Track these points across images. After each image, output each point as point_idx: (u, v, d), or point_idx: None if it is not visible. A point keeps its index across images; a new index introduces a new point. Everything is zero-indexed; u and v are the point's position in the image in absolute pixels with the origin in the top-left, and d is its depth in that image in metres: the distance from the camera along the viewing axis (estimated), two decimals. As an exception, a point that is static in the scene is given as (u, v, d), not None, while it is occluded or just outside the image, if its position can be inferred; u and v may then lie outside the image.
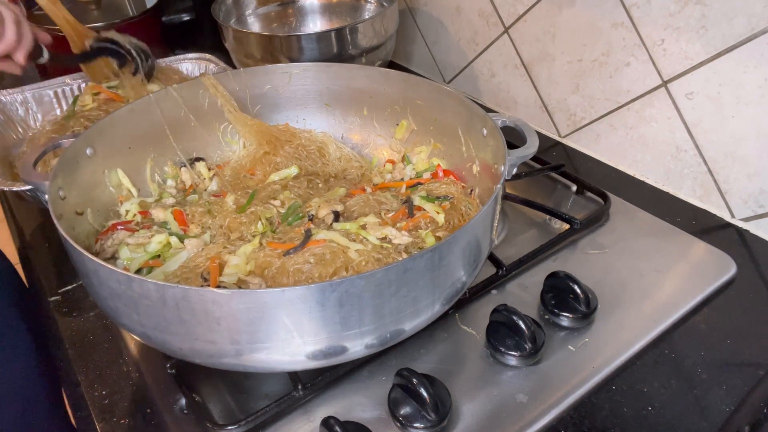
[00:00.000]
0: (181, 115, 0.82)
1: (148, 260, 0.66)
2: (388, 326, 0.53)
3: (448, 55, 1.22)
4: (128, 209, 0.73)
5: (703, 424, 0.57)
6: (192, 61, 1.14)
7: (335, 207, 0.71)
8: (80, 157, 0.69)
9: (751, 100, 0.76)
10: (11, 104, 1.02)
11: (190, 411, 0.59)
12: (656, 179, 0.91)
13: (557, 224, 0.82)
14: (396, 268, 0.49)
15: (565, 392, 0.60)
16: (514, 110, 1.12)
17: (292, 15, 1.31)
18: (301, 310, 0.48)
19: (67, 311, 0.74)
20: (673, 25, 0.80)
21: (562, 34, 0.96)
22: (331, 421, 0.53)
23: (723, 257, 0.75)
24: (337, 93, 0.88)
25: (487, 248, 0.61)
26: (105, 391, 0.63)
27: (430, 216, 0.69)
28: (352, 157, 0.87)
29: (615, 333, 0.66)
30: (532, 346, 0.62)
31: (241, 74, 0.85)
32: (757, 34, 0.72)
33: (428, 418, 0.55)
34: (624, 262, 0.75)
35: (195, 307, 0.48)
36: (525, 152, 0.64)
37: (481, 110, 0.71)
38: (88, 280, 0.55)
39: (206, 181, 0.83)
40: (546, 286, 0.69)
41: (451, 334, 0.66)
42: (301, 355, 0.51)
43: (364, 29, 1.06)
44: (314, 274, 0.60)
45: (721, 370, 0.62)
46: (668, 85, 0.84)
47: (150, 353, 0.66)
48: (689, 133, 0.84)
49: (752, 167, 0.79)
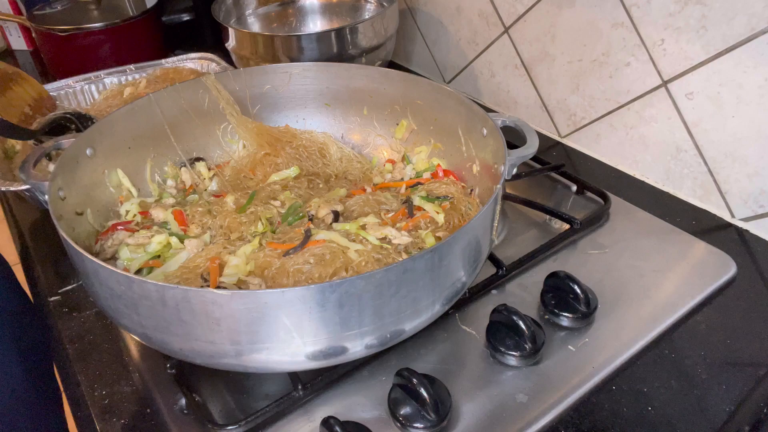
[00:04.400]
0: (181, 115, 0.82)
1: (148, 260, 0.66)
2: (388, 326, 0.53)
3: (448, 55, 1.22)
4: (128, 209, 0.73)
5: (703, 424, 0.57)
6: (194, 60, 1.15)
7: (335, 207, 0.71)
8: (80, 157, 0.69)
9: (751, 100, 0.76)
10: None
11: (190, 411, 0.59)
12: (656, 179, 0.91)
13: (557, 224, 0.82)
14: (396, 269, 0.49)
15: (565, 392, 0.60)
16: (514, 110, 1.12)
17: (292, 15, 1.31)
18: (301, 311, 0.48)
19: (67, 311, 0.73)
20: (673, 25, 0.80)
21: (562, 34, 0.96)
22: (331, 421, 0.53)
23: (723, 257, 0.75)
24: (337, 93, 0.88)
25: (487, 248, 0.61)
26: (105, 391, 0.63)
27: (430, 216, 0.69)
28: (354, 157, 0.87)
29: (615, 333, 0.66)
30: (532, 346, 0.62)
31: (241, 74, 0.85)
32: (757, 34, 0.72)
33: (428, 418, 0.55)
34: (624, 262, 0.75)
35: (195, 307, 0.48)
36: (525, 152, 0.64)
37: (481, 110, 0.71)
38: (88, 280, 0.55)
39: (206, 181, 0.83)
40: (546, 286, 0.69)
41: (451, 334, 0.66)
42: (301, 356, 0.51)
43: (364, 29, 1.06)
44: (314, 274, 0.60)
45: (721, 370, 0.62)
46: (668, 85, 0.84)
47: (150, 353, 0.66)
48: (689, 133, 0.84)
49: (752, 167, 0.79)
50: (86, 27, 1.23)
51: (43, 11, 1.32)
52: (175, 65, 1.13)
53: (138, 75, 1.10)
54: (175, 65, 1.13)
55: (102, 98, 1.06)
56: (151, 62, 1.13)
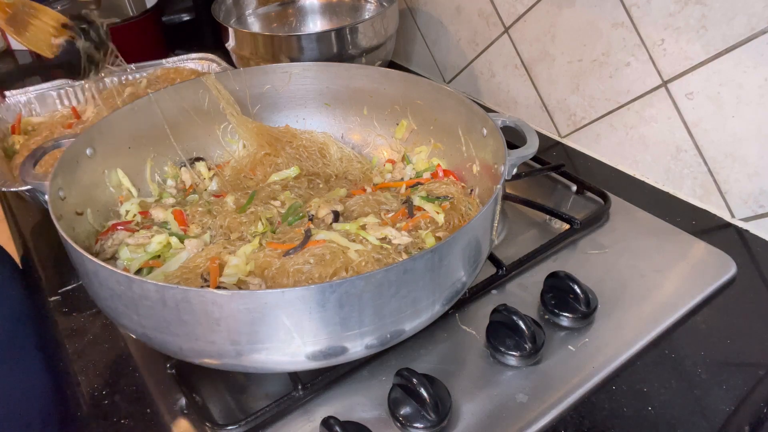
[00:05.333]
0: (181, 115, 0.82)
1: (148, 260, 0.66)
2: (388, 327, 0.53)
3: (448, 55, 1.22)
4: (128, 209, 0.73)
5: (703, 424, 0.57)
6: (195, 60, 1.15)
7: (335, 207, 0.71)
8: (80, 157, 0.69)
9: (751, 100, 0.76)
10: (15, 105, 1.02)
11: (190, 411, 0.59)
12: (656, 179, 0.91)
13: (557, 224, 0.82)
14: (396, 269, 0.49)
15: (565, 392, 0.60)
16: (514, 110, 1.12)
17: (292, 15, 1.31)
18: (301, 311, 0.48)
19: (67, 311, 0.74)
20: (673, 25, 0.80)
21: (562, 34, 0.96)
22: (331, 421, 0.53)
23: (723, 257, 0.75)
24: (337, 93, 0.88)
25: (487, 248, 0.61)
26: (105, 391, 0.63)
27: (430, 216, 0.69)
28: (354, 157, 0.87)
29: (615, 333, 0.66)
30: (532, 346, 0.62)
31: (241, 74, 0.85)
32: (757, 34, 0.72)
33: (428, 418, 0.55)
34: (624, 262, 0.75)
35: (195, 307, 0.48)
36: (525, 152, 0.64)
37: (481, 110, 0.71)
38: (88, 280, 0.55)
39: (206, 181, 0.83)
40: (546, 286, 0.69)
41: (451, 334, 0.66)
42: (301, 356, 0.51)
43: (364, 29, 1.06)
44: (314, 274, 0.60)
45: (721, 370, 0.62)
46: (668, 85, 0.84)
47: (150, 353, 0.66)
48: (689, 133, 0.84)
49: (752, 167, 0.79)
50: (86, 27, 1.23)
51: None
52: (176, 65, 1.13)
53: (138, 75, 1.10)
54: (176, 65, 1.13)
55: (102, 98, 1.06)
56: (152, 62, 1.13)
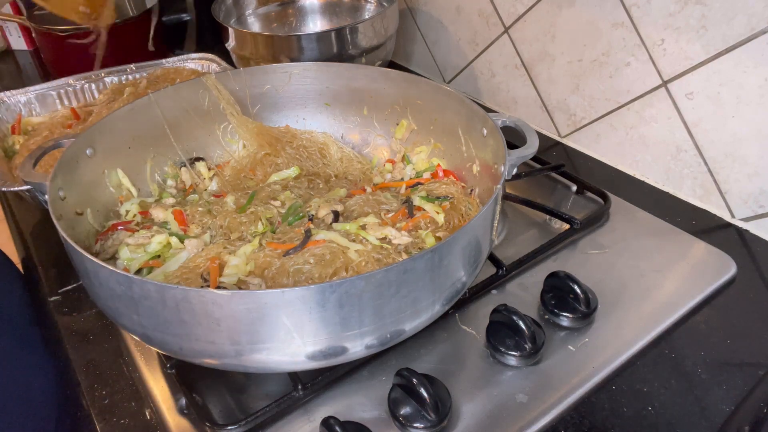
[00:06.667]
0: (181, 115, 0.82)
1: (148, 260, 0.66)
2: (388, 327, 0.53)
3: (448, 55, 1.22)
4: (128, 209, 0.73)
5: (703, 424, 0.57)
6: (195, 60, 1.15)
7: (335, 207, 0.71)
8: (80, 157, 0.69)
9: (751, 100, 0.76)
10: (15, 105, 1.02)
11: (190, 411, 0.59)
12: (656, 179, 0.91)
13: (557, 224, 0.82)
14: (396, 269, 0.49)
15: (565, 392, 0.60)
16: (514, 110, 1.12)
17: (292, 15, 1.31)
18: (301, 311, 0.48)
19: (67, 311, 0.74)
20: (673, 25, 0.80)
21: (562, 34, 0.96)
22: (331, 421, 0.53)
23: (723, 257, 0.75)
24: (337, 93, 0.88)
25: (487, 248, 0.61)
26: (105, 391, 0.63)
27: (430, 216, 0.69)
28: (354, 157, 0.87)
29: (615, 333, 0.66)
30: (532, 346, 0.62)
31: (241, 74, 0.85)
32: (757, 34, 0.72)
33: (428, 418, 0.55)
34: (624, 262, 0.75)
35: (195, 307, 0.48)
36: (525, 152, 0.64)
37: (481, 110, 0.71)
38: (88, 280, 0.55)
39: (206, 181, 0.83)
40: (546, 286, 0.69)
41: (451, 334, 0.66)
42: (301, 356, 0.51)
43: (364, 29, 1.06)
44: (314, 274, 0.60)
45: (721, 370, 0.62)
46: (668, 85, 0.84)
47: (150, 353, 0.66)
48: (689, 133, 0.84)
49: (752, 167, 0.79)
50: (86, 27, 1.23)
51: (43, 11, 1.31)
52: (176, 65, 1.13)
53: (138, 75, 1.10)
54: (176, 65, 1.13)
55: (102, 98, 1.06)
56: (151, 62, 1.13)
